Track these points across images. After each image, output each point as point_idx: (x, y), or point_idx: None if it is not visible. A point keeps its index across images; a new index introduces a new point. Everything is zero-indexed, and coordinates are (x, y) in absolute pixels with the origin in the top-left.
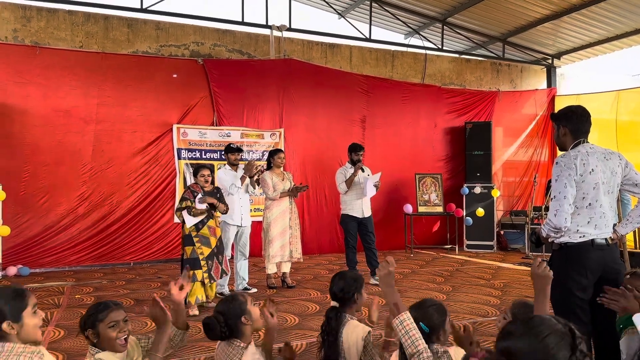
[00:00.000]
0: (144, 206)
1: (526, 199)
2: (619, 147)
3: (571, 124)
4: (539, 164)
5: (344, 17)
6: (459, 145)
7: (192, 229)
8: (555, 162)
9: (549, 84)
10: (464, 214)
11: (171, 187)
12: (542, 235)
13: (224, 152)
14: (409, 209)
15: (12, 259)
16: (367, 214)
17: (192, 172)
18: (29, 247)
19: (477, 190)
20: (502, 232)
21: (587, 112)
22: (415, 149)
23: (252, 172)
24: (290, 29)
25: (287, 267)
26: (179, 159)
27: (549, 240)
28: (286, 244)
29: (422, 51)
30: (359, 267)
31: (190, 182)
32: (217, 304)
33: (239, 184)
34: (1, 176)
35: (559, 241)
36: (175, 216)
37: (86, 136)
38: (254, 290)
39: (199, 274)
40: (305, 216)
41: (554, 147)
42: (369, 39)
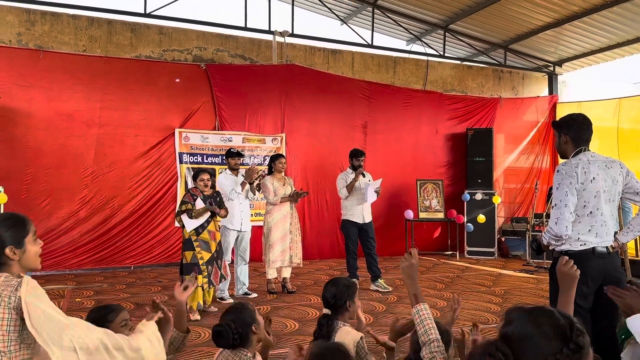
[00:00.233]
0: (145, 210)
1: (527, 206)
2: (620, 154)
3: (572, 132)
4: (540, 171)
5: (346, 24)
6: (460, 151)
7: (192, 233)
8: (556, 170)
9: (551, 91)
10: (465, 221)
11: (172, 191)
12: (543, 243)
13: (224, 157)
14: (410, 214)
15: None
16: (368, 219)
17: (192, 176)
18: None
19: (478, 196)
20: (503, 238)
21: (588, 120)
22: (416, 155)
23: (253, 179)
24: (292, 35)
25: (287, 272)
26: (181, 163)
27: (550, 248)
28: (287, 248)
29: (424, 57)
30: (360, 272)
31: (191, 186)
32: (226, 312)
33: (239, 190)
34: (3, 179)
35: (559, 249)
36: (175, 220)
37: (89, 140)
38: (254, 295)
39: (199, 279)
40: (306, 221)
41: (555, 154)
42: (371, 45)
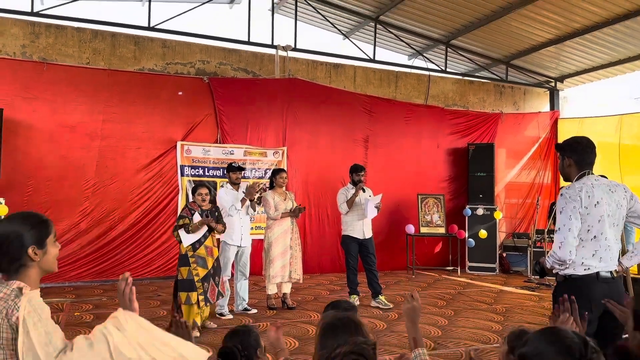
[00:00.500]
0: (145, 222)
1: (529, 221)
2: (622, 170)
3: (576, 155)
4: (541, 186)
5: (348, 38)
6: (461, 166)
7: (189, 248)
8: (560, 194)
9: (552, 107)
10: (467, 236)
11: (173, 203)
12: (547, 266)
13: (225, 171)
14: (411, 229)
15: None
16: (368, 235)
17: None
18: None
19: (480, 211)
20: (504, 254)
21: (592, 144)
22: (417, 170)
23: (254, 196)
24: (295, 49)
25: (287, 288)
26: (182, 175)
27: (554, 272)
28: (287, 264)
29: (426, 72)
30: (360, 288)
31: (191, 200)
32: (231, 335)
33: (239, 206)
34: (4, 190)
35: (563, 273)
36: (173, 235)
37: (91, 152)
38: (254, 311)
39: (194, 296)
40: (307, 235)
41: (556, 169)
42: (373, 60)
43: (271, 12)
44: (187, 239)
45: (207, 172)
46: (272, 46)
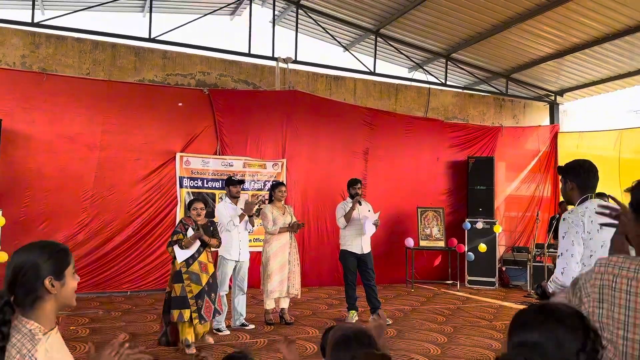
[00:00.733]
0: (143, 234)
1: (528, 235)
2: (622, 184)
3: (578, 179)
4: (541, 200)
5: (348, 51)
6: (461, 179)
7: (182, 264)
8: (562, 219)
9: (552, 121)
10: (466, 249)
11: (171, 215)
12: (549, 291)
13: (225, 184)
14: (410, 242)
15: None
16: (367, 250)
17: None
18: None
19: (480, 225)
20: (504, 268)
21: (594, 167)
22: (417, 182)
23: (252, 212)
24: (295, 61)
25: (285, 303)
26: (181, 187)
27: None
28: (285, 279)
29: (426, 85)
30: (359, 302)
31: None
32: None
33: (237, 222)
34: (1, 201)
35: None
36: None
37: (89, 163)
38: (252, 326)
39: (186, 313)
40: (305, 248)
41: (556, 183)
42: (373, 73)
43: (272, 24)
44: (181, 255)
45: (206, 183)
46: (272, 58)
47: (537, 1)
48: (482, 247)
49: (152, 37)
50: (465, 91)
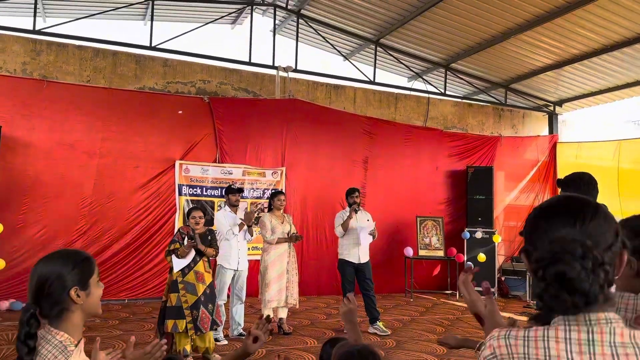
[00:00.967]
0: (141, 242)
1: None
2: (621, 195)
3: (579, 192)
4: None
5: (348, 60)
6: (460, 189)
7: (179, 274)
8: None
9: (551, 131)
10: (465, 259)
11: (170, 223)
12: None
13: (224, 193)
14: (409, 252)
15: (4, 293)
16: (364, 259)
17: (186, 213)
18: (23, 281)
19: (479, 235)
20: (503, 278)
21: (594, 180)
22: (416, 192)
23: (251, 222)
24: (296, 70)
25: (283, 313)
26: (180, 195)
27: None
28: (283, 288)
29: (425, 95)
30: (358, 312)
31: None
32: None
33: (236, 231)
34: (0, 208)
35: None
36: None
37: (89, 170)
38: None
39: (181, 323)
40: (304, 257)
41: (555, 193)
42: (373, 82)
43: (272, 33)
44: (177, 264)
45: (205, 191)
46: (273, 67)
47: (536, 13)
48: (482, 257)
49: (153, 45)
50: (464, 101)
